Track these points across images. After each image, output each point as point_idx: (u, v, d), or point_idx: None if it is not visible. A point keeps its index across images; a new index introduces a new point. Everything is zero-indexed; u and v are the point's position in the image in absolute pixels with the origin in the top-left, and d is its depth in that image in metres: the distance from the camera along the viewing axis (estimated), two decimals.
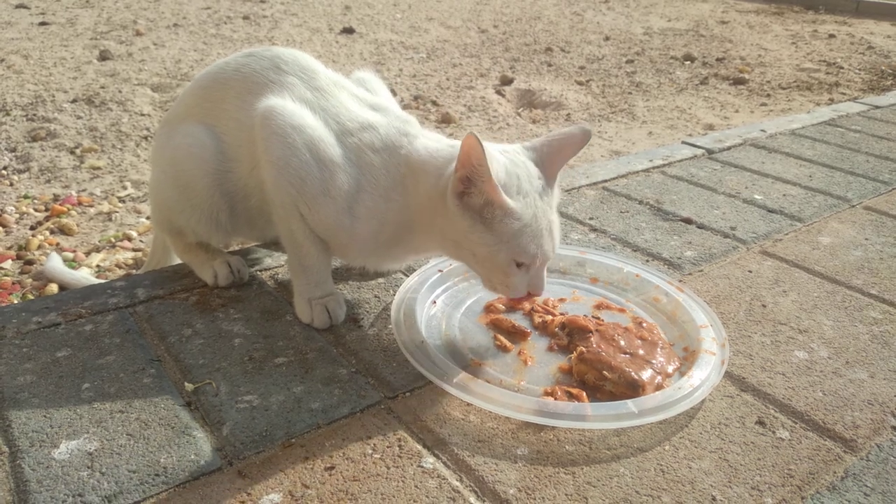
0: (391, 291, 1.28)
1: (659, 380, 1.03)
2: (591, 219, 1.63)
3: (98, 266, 1.79)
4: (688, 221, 1.62)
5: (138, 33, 4.37)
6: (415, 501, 0.83)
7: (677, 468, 0.90)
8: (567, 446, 0.93)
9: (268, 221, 1.20)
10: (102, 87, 3.20)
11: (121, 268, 1.79)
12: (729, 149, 2.16)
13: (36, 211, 2.09)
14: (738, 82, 3.81)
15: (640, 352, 1.08)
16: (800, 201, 1.75)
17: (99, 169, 2.40)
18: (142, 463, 0.86)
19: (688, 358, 1.10)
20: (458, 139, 1.05)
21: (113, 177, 2.34)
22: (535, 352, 1.12)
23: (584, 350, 1.06)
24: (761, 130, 2.34)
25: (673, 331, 1.18)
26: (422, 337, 1.08)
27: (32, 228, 1.98)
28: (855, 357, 1.14)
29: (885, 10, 6.01)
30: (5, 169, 2.37)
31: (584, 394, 1.01)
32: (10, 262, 1.80)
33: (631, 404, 0.96)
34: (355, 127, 1.10)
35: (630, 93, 3.61)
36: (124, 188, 2.27)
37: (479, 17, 5.50)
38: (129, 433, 0.91)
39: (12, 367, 1.04)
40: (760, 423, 0.98)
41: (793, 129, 2.38)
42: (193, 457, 0.88)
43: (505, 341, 1.13)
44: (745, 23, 5.65)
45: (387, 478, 0.86)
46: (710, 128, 3.06)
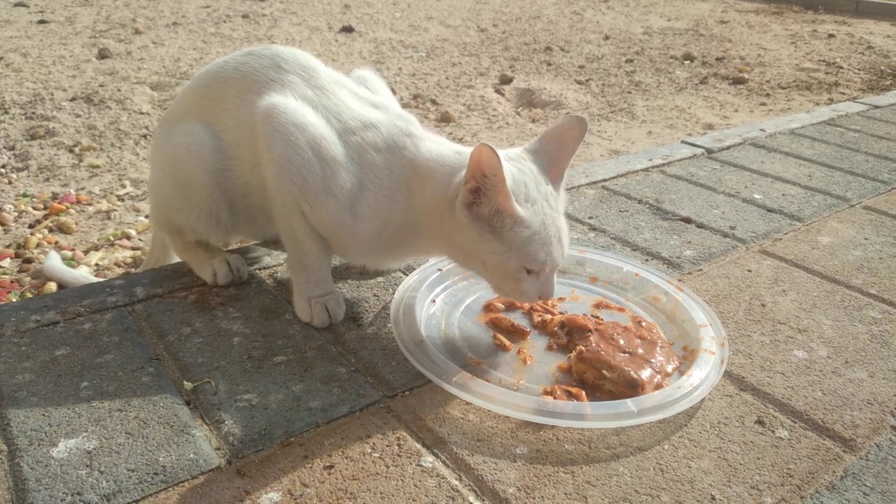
0: (390, 290, 1.27)
1: (658, 379, 1.03)
2: (590, 218, 1.63)
3: (97, 264, 1.79)
4: (687, 221, 1.62)
5: (137, 32, 4.37)
6: (414, 500, 0.83)
7: (676, 467, 0.90)
8: (566, 445, 0.93)
9: (268, 219, 1.20)
10: (101, 86, 3.20)
11: (119, 266, 1.79)
12: (728, 148, 2.16)
13: (35, 209, 2.08)
14: (738, 82, 3.81)
15: (639, 351, 1.08)
16: (799, 201, 1.75)
17: (98, 167, 2.39)
18: (141, 462, 0.86)
19: (687, 357, 1.10)
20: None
21: (112, 175, 2.34)
22: (534, 351, 1.12)
23: (584, 349, 1.06)
24: (761, 130, 2.34)
25: (672, 330, 1.18)
26: (421, 336, 1.08)
27: (31, 227, 1.98)
28: (854, 357, 1.14)
29: (885, 10, 6.01)
30: (4, 167, 2.37)
31: (584, 393, 1.01)
32: (8, 260, 1.80)
33: (630, 403, 0.96)
34: (357, 125, 1.10)
35: (629, 92, 3.61)
36: (123, 187, 2.27)
37: (478, 16, 5.49)
38: (128, 432, 0.91)
39: (11, 365, 1.04)
40: (760, 422, 0.98)
41: (792, 128, 2.38)
42: (192, 455, 0.88)
43: (504, 340, 1.13)
44: (744, 22, 5.65)
45: (386, 477, 0.86)
46: (710, 127, 3.06)
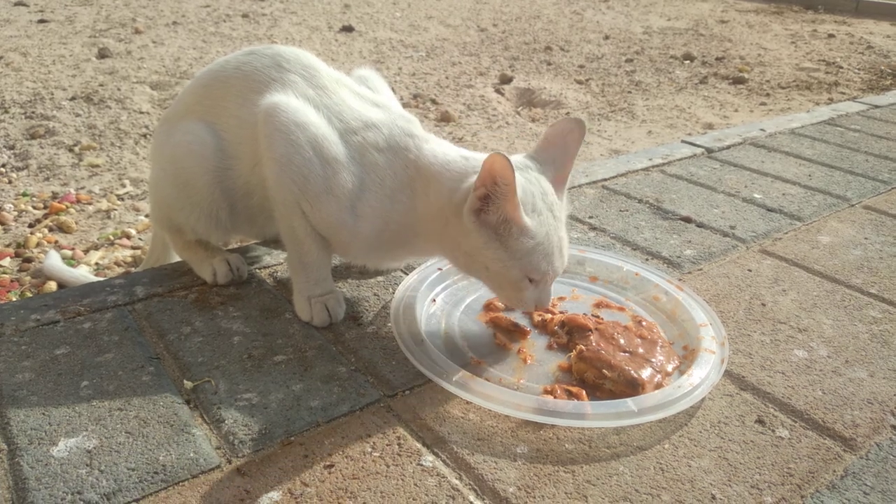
0: (390, 290, 1.27)
1: (658, 378, 1.03)
2: (590, 217, 1.63)
3: (97, 264, 1.79)
4: (687, 220, 1.62)
5: (137, 31, 4.37)
6: (414, 500, 0.83)
7: (677, 467, 0.90)
8: (567, 445, 0.93)
9: (268, 219, 1.20)
10: (101, 85, 3.20)
11: (119, 265, 1.79)
12: (728, 148, 2.16)
13: (34, 209, 2.08)
14: (738, 81, 3.81)
15: (639, 350, 1.07)
16: (799, 200, 1.75)
17: (98, 167, 2.39)
18: (141, 461, 0.86)
19: (687, 356, 1.10)
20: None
21: (112, 174, 2.34)
22: (534, 350, 1.12)
23: (584, 348, 1.06)
24: (761, 129, 2.34)
25: (672, 329, 1.18)
26: (421, 335, 1.08)
27: (31, 226, 1.98)
28: (854, 356, 1.14)
29: (885, 10, 6.01)
30: (4, 166, 2.36)
31: (584, 392, 1.01)
32: (8, 259, 1.80)
33: (630, 403, 0.96)
34: (359, 125, 1.10)
35: (629, 92, 3.61)
36: (123, 186, 2.26)
37: (478, 15, 5.49)
38: (128, 431, 0.91)
39: (11, 364, 1.03)
40: (760, 421, 0.98)
41: (792, 128, 2.38)
42: (192, 455, 0.88)
43: (504, 339, 1.13)
44: (744, 22, 5.65)
45: (386, 476, 0.86)
46: (710, 127, 3.06)
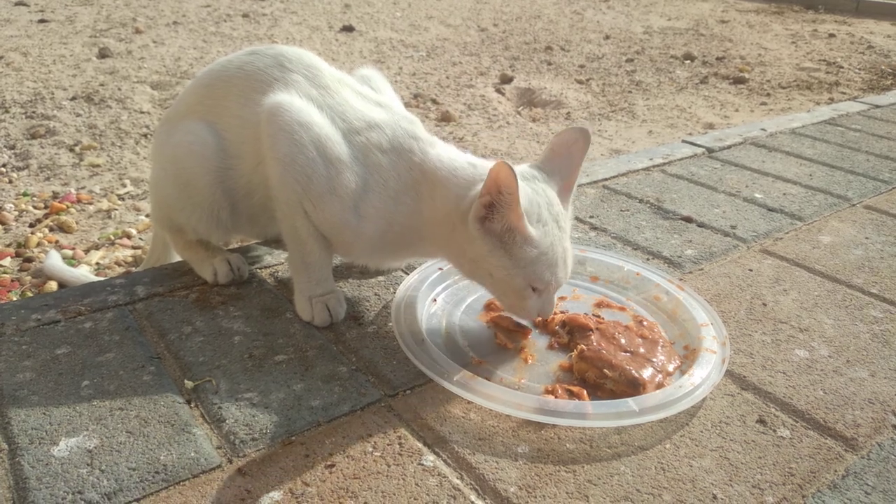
0: (391, 289, 1.27)
1: (660, 378, 1.03)
2: (591, 217, 1.63)
3: (97, 263, 1.79)
4: (688, 220, 1.62)
5: (138, 31, 4.37)
6: (415, 499, 0.83)
7: (678, 466, 0.90)
8: (568, 444, 0.93)
9: (270, 219, 1.20)
10: (102, 85, 3.20)
11: (120, 265, 1.79)
12: (729, 147, 2.15)
13: (35, 208, 2.08)
14: (739, 81, 3.81)
15: (640, 350, 1.07)
16: (800, 200, 1.75)
17: (98, 166, 2.39)
18: (142, 460, 0.86)
19: (688, 356, 1.10)
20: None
21: (112, 174, 2.34)
22: (535, 350, 1.12)
23: (585, 348, 1.06)
24: (761, 129, 2.34)
25: (673, 329, 1.18)
26: (422, 335, 1.08)
27: (31, 226, 1.98)
28: (855, 356, 1.14)
29: (885, 10, 6.01)
30: (4, 166, 2.36)
31: (585, 392, 1.01)
32: (9, 259, 1.80)
33: (632, 402, 0.96)
34: (362, 125, 1.10)
35: (630, 92, 3.60)
36: (123, 186, 2.26)
37: (478, 15, 5.49)
38: (129, 431, 0.91)
39: (11, 364, 1.03)
40: (761, 421, 0.98)
41: (793, 128, 2.38)
42: (193, 454, 0.88)
43: (505, 339, 1.13)
44: (744, 22, 5.65)
45: (387, 476, 0.86)
46: (711, 127, 3.06)
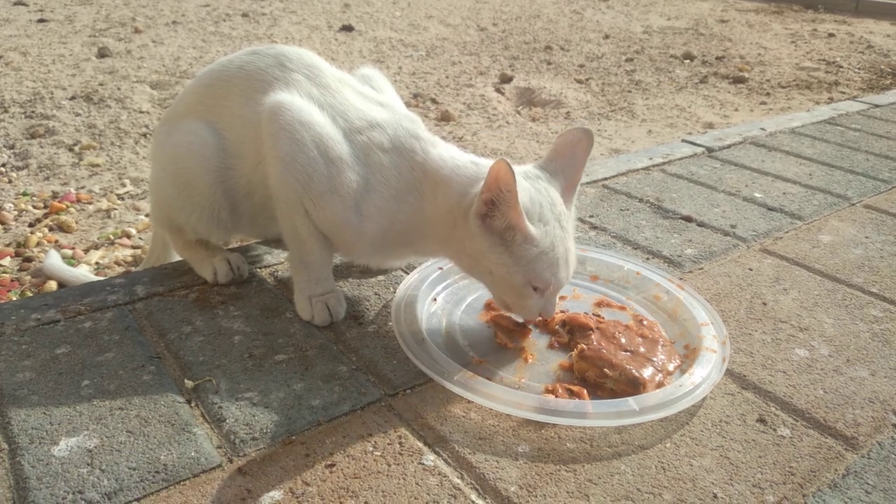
0: (391, 289, 1.27)
1: (660, 377, 1.03)
2: (591, 216, 1.63)
3: (97, 263, 1.79)
4: (688, 219, 1.62)
5: (137, 31, 4.37)
6: (416, 499, 0.83)
7: (678, 466, 0.90)
8: (568, 444, 0.93)
9: (270, 218, 1.20)
10: (101, 85, 3.19)
11: (120, 265, 1.79)
12: (729, 147, 2.15)
13: (35, 208, 2.08)
14: (738, 81, 3.81)
15: (640, 349, 1.07)
16: (800, 199, 1.75)
17: (98, 166, 2.39)
18: (142, 460, 0.86)
19: (688, 355, 1.10)
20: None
21: (112, 174, 2.34)
22: (535, 349, 1.12)
23: (585, 347, 1.06)
24: (761, 129, 2.34)
25: (674, 328, 1.18)
26: (422, 334, 1.08)
27: (31, 225, 1.98)
28: (856, 355, 1.14)
29: (885, 10, 6.01)
30: (4, 166, 2.36)
31: (585, 391, 1.01)
32: (8, 259, 1.80)
33: (632, 402, 0.96)
34: (363, 125, 1.10)
35: (630, 91, 3.60)
36: (123, 185, 2.26)
37: (478, 15, 5.49)
38: (129, 430, 0.91)
39: (11, 363, 1.03)
40: (761, 420, 0.98)
41: (793, 127, 2.38)
42: (194, 454, 0.88)
43: (505, 338, 1.13)
44: (744, 21, 5.65)
45: (388, 475, 0.86)
46: (710, 126, 3.06)
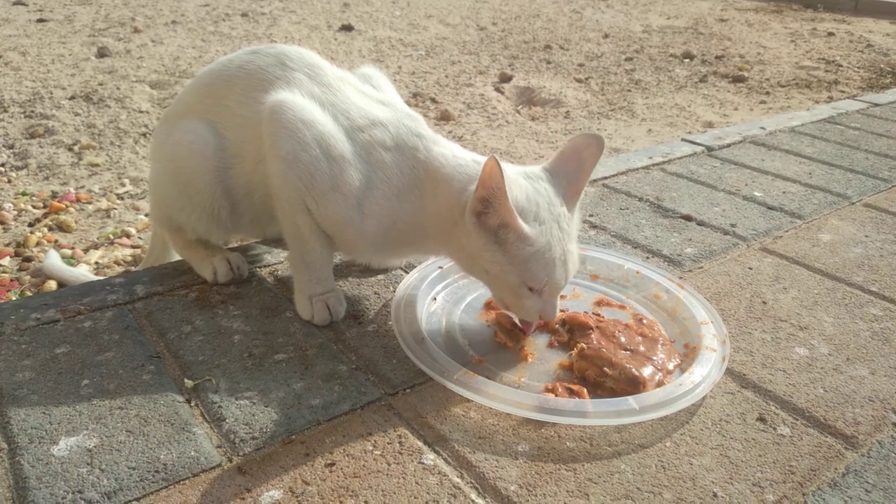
0: (391, 288, 1.27)
1: (660, 376, 1.03)
2: (591, 216, 1.63)
3: (96, 263, 1.79)
4: (688, 218, 1.62)
5: (136, 30, 4.37)
6: (416, 498, 0.83)
7: (678, 464, 0.90)
8: (568, 443, 0.93)
9: (271, 218, 1.20)
10: (101, 84, 3.19)
11: (119, 264, 1.79)
12: (728, 146, 2.15)
13: (34, 208, 2.08)
14: (738, 80, 3.81)
15: (640, 348, 1.07)
16: (800, 198, 1.75)
17: (97, 166, 2.39)
18: (141, 460, 0.86)
19: (688, 354, 1.10)
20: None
21: (111, 174, 2.34)
22: (535, 348, 1.12)
23: (585, 346, 1.06)
24: (761, 128, 2.34)
25: (673, 327, 1.18)
26: (422, 333, 1.08)
27: (31, 225, 1.98)
28: (855, 354, 1.14)
29: (884, 9, 6.01)
30: (3, 166, 2.36)
31: (585, 390, 1.01)
32: (8, 259, 1.80)
33: (632, 401, 0.96)
34: (365, 123, 1.10)
35: (629, 90, 3.60)
36: (123, 185, 2.26)
37: (477, 14, 5.49)
38: (129, 430, 0.91)
39: (11, 363, 1.03)
40: (761, 419, 0.98)
41: (792, 126, 2.38)
42: (193, 453, 0.88)
43: (505, 338, 1.13)
44: (744, 21, 5.65)
45: (387, 474, 0.86)
46: (710, 125, 3.06)
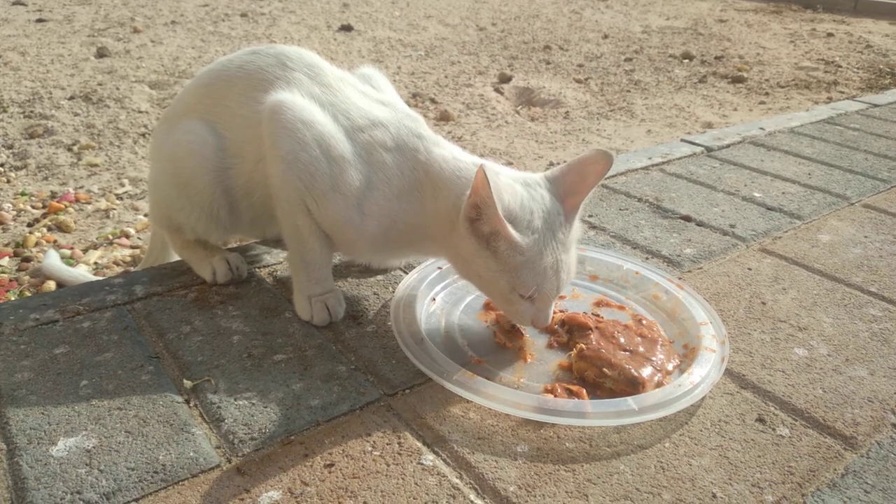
0: (390, 289, 1.27)
1: (659, 377, 1.03)
2: (590, 216, 1.63)
3: (96, 263, 1.78)
4: (687, 219, 1.62)
5: (136, 30, 4.36)
6: (415, 499, 0.83)
7: (677, 465, 0.90)
8: (567, 443, 0.93)
9: (270, 218, 1.20)
10: (100, 85, 3.19)
11: (118, 265, 1.78)
12: (728, 147, 2.15)
13: (33, 208, 2.08)
14: (737, 81, 3.81)
15: (639, 349, 1.07)
16: (799, 199, 1.75)
17: (96, 166, 2.39)
18: (140, 460, 0.86)
19: (688, 355, 1.10)
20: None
21: (110, 174, 2.34)
22: (534, 349, 1.12)
23: (584, 347, 1.06)
24: (760, 128, 2.34)
25: (673, 328, 1.18)
26: (421, 334, 1.08)
27: (30, 225, 1.97)
28: (855, 354, 1.14)
29: (884, 9, 6.01)
30: (2, 166, 2.36)
31: (584, 391, 1.01)
32: (7, 259, 1.79)
33: (631, 401, 0.96)
34: (365, 123, 1.10)
35: (629, 91, 3.60)
36: (122, 185, 2.26)
37: (477, 14, 5.49)
38: (128, 430, 0.91)
39: (10, 364, 1.03)
40: (760, 420, 0.98)
41: (792, 127, 2.38)
42: (192, 454, 0.88)
43: (504, 338, 1.13)
44: (743, 21, 5.65)
45: (387, 475, 0.86)
46: (709, 126, 3.06)
